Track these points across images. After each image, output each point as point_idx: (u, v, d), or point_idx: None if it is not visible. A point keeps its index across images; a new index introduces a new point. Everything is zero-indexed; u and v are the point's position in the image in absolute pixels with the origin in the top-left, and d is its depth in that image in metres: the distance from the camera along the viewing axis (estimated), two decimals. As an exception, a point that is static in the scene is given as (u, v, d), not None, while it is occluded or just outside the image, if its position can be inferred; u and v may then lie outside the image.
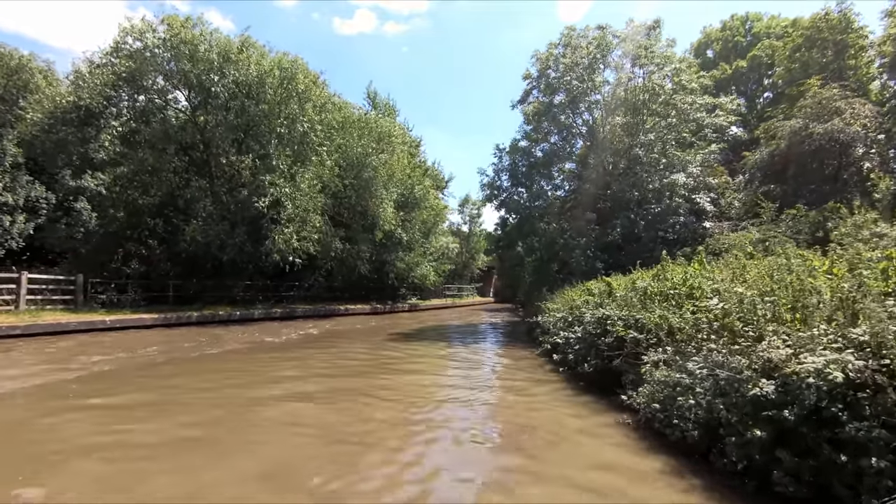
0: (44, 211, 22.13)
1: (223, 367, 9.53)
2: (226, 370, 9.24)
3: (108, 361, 9.56)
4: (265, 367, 9.64)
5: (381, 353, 12.02)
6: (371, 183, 24.59)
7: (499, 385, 8.69)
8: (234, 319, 19.29)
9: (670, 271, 8.36)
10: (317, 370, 9.46)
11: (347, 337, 15.40)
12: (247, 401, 6.86)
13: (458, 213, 50.29)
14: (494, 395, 7.79)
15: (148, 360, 9.82)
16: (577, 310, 9.94)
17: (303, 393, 7.44)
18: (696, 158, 17.04)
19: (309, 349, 12.21)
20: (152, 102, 21.01)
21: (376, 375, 9.12)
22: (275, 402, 6.88)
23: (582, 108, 19.29)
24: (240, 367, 9.56)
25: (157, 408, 6.33)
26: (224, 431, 5.47)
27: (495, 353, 12.72)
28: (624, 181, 16.70)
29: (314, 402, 6.88)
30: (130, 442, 5.00)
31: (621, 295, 8.85)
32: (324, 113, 22.39)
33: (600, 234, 17.25)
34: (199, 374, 8.82)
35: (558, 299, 13.14)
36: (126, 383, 7.83)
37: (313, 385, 8.07)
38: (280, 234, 18.91)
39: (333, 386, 8.05)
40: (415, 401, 7.11)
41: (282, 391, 7.52)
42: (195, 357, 10.53)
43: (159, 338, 13.79)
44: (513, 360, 11.08)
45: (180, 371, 9.00)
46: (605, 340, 7.81)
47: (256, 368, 9.48)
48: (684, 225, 17.17)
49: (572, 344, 8.88)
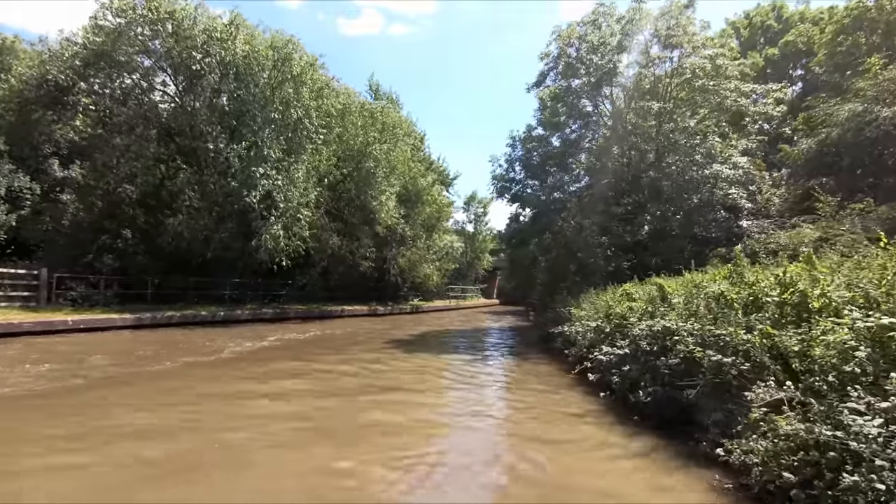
0: (27, 202, 20.57)
1: (154, 391, 7.13)
2: (158, 398, 6.77)
3: (20, 380, 7.45)
4: (215, 391, 7.30)
5: (373, 367, 10.14)
6: (372, 174, 22.76)
7: (524, 421, 6.57)
8: (218, 321, 17.49)
9: (751, 272, 6.50)
10: (277, 407, 6.60)
11: (337, 345, 13.51)
12: (139, 465, 4.32)
13: (464, 212, 48.45)
14: (518, 446, 5.48)
15: (76, 378, 7.73)
16: (618, 318, 8.09)
17: (236, 445, 4.94)
18: (737, 149, 15.17)
19: (284, 363, 9.89)
20: (133, 82, 19.20)
21: (357, 405, 6.88)
22: (193, 458, 4.49)
23: (606, 92, 17.42)
24: (177, 394, 7.02)
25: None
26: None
27: (511, 369, 10.80)
28: (657, 172, 14.80)
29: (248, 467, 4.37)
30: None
31: (680, 301, 7.00)
32: (321, 99, 20.56)
33: (625, 232, 15.37)
34: (108, 406, 6.30)
35: (586, 304, 11.28)
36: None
37: (263, 429, 5.48)
38: (268, 232, 17.07)
39: (291, 434, 5.44)
40: (402, 458, 4.77)
41: (210, 431, 5.35)
42: (130, 374, 8.24)
43: (118, 343, 12.01)
44: (535, 379, 9.20)
45: (91, 401, 6.52)
46: (668, 361, 5.95)
47: (200, 394, 7.04)
48: (719, 222, 15.30)
49: (617, 363, 7.01)
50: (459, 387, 8.45)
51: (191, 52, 17.34)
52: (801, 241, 12.01)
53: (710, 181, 14.27)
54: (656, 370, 6.15)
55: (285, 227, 17.78)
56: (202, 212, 19.03)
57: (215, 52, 17.98)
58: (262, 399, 6.88)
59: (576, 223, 16.04)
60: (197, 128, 19.69)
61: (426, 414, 6.72)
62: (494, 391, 8.45)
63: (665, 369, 6.00)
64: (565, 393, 7.84)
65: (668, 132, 15.05)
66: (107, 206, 19.55)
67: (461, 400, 7.57)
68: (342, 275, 26.54)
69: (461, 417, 6.54)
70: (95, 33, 17.91)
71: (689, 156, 14.79)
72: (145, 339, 12.91)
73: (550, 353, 12.26)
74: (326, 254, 23.89)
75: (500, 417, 6.72)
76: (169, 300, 18.91)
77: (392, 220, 25.37)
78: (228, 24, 19.23)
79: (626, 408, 6.39)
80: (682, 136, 14.79)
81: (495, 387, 8.76)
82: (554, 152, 18.08)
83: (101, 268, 18.36)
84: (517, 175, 19.29)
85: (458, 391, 8.11)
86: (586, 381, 7.94)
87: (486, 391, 8.15)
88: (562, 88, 17.87)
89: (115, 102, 18.27)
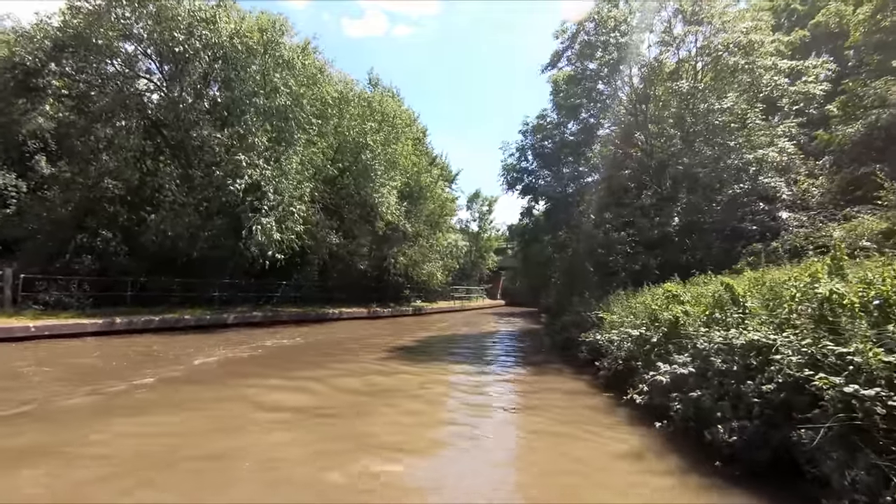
0: (13, 200, 19.23)
1: (76, 435, 5.17)
2: (73, 447, 4.84)
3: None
4: (156, 432, 5.36)
5: (369, 379, 8.66)
6: (371, 167, 21.25)
7: (558, 469, 4.78)
8: (203, 325, 16.02)
9: (865, 268, 4.98)
10: (235, 454, 4.76)
11: (330, 353, 11.98)
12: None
13: (467, 210, 46.93)
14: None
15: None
16: (668, 326, 6.56)
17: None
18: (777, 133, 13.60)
19: (255, 382, 8.00)
20: (114, 68, 17.75)
21: (337, 447, 5.06)
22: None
23: (626, 75, 15.88)
24: (105, 446, 4.94)
25: None
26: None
27: (530, 385, 9.14)
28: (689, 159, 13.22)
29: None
30: None
31: (755, 305, 5.48)
32: (315, 86, 19.08)
33: (651, 226, 13.83)
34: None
35: (616, 307, 9.75)
36: None
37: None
38: (258, 223, 15.59)
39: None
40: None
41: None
42: (62, 403, 6.32)
43: (79, 354, 10.56)
44: (562, 400, 7.63)
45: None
46: (760, 387, 4.43)
47: (134, 439, 5.09)
48: (755, 214, 13.74)
49: (677, 384, 5.49)
50: (465, 421, 6.41)
51: (173, 34, 15.86)
52: (862, 234, 10.49)
53: (754, 167, 12.71)
54: (740, 397, 4.63)
55: (278, 221, 16.31)
56: (187, 207, 17.57)
57: (200, 34, 16.52)
58: (214, 442, 5.27)
59: (595, 216, 14.50)
60: (184, 118, 18.26)
61: (420, 477, 4.54)
62: (511, 419, 6.86)
63: (755, 397, 4.48)
64: (605, 420, 6.31)
65: (699, 115, 13.48)
66: (87, 203, 18.15)
67: (467, 442, 5.55)
68: (341, 274, 25.08)
69: (466, 481, 4.40)
70: (73, 15, 16.54)
71: (725, 140, 13.21)
72: (113, 347, 11.44)
73: (573, 363, 10.72)
74: (324, 252, 22.42)
75: (527, 465, 5.17)
76: (151, 303, 17.44)
77: (393, 217, 23.87)
78: (215, 6, 17.81)
79: (698, 446, 4.85)
80: (717, 117, 13.20)
81: (512, 412, 7.16)
82: (569, 140, 16.52)
83: (78, 268, 16.96)
84: (530, 165, 17.77)
85: (464, 426, 6.19)
86: (630, 403, 6.41)
87: (504, 436, 6.50)
88: (578, 70, 16.33)
89: (92, 88, 16.81)
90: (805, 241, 12.74)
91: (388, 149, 22.55)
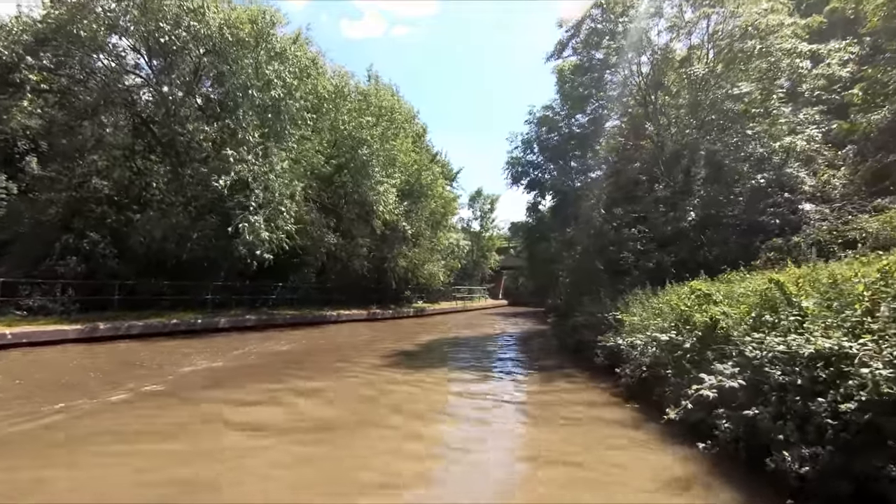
0: (3, 202, 18.49)
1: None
2: None
3: None
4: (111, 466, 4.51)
5: (362, 393, 7.88)
6: (368, 164, 20.47)
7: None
8: (193, 329, 15.27)
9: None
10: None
11: (323, 360, 11.16)
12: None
13: (469, 209, 46.12)
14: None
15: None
16: (704, 329, 5.79)
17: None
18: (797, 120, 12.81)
19: (241, 397, 7.14)
20: (102, 63, 16.99)
21: (320, 483, 4.28)
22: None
23: (634, 63, 15.07)
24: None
25: None
26: None
27: (544, 395, 8.27)
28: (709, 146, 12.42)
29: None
30: None
31: (811, 306, 4.71)
32: (308, 79, 18.30)
33: (665, 221, 13.05)
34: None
35: (635, 308, 8.98)
36: None
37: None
38: (245, 221, 14.83)
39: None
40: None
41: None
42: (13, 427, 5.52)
43: (54, 364, 9.79)
44: (582, 412, 6.79)
45: None
46: (836, 406, 3.66)
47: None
48: (778, 207, 12.95)
49: (728, 400, 4.71)
50: (468, 445, 5.48)
51: (159, 24, 15.10)
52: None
53: (779, 156, 11.91)
54: (808, 418, 3.85)
55: (267, 220, 15.54)
56: (175, 207, 16.84)
57: (188, 25, 15.76)
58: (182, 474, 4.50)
59: (605, 212, 13.73)
60: (174, 114, 17.52)
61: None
62: (525, 439, 6.06)
63: (828, 417, 3.71)
64: (635, 438, 5.53)
65: (716, 102, 12.67)
66: (73, 203, 17.41)
67: (469, 474, 4.72)
68: (339, 276, 24.33)
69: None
70: (55, 6, 15.80)
71: (744, 128, 12.40)
72: (94, 355, 10.69)
73: (587, 368, 9.95)
74: (321, 253, 21.66)
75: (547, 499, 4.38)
76: (141, 307, 16.71)
77: (392, 216, 23.10)
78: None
79: (754, 474, 4.08)
80: (735, 103, 12.39)
81: (525, 430, 6.37)
82: (576, 132, 15.73)
83: (64, 271, 16.23)
84: (536, 158, 16.95)
85: (467, 451, 5.28)
86: (662, 420, 5.64)
87: (512, 444, 5.77)
88: (584, 59, 15.54)
89: (74, 82, 16.06)
90: (829, 236, 11.99)
91: (387, 145, 21.78)
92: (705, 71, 12.79)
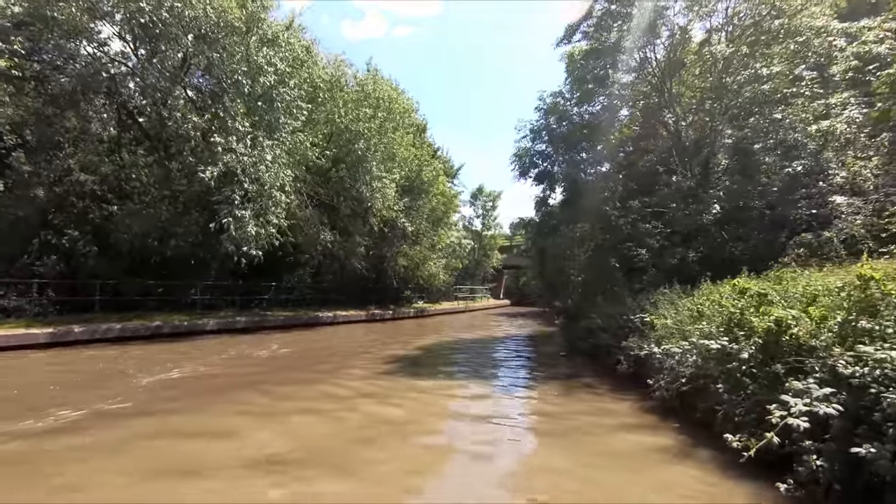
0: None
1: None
2: None
3: None
4: None
5: (349, 412, 6.78)
6: (366, 158, 19.44)
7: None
8: (178, 332, 14.27)
9: None
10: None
11: (311, 367, 10.03)
12: None
13: (470, 206, 45.06)
14: None
15: None
16: (770, 337, 4.75)
17: None
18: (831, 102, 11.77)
19: (205, 421, 5.97)
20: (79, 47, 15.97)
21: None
22: None
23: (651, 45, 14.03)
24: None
25: None
26: None
27: (562, 412, 6.90)
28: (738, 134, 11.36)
29: None
30: None
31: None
32: (302, 67, 17.28)
33: (687, 214, 12.01)
34: None
35: (666, 310, 7.95)
36: None
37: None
38: (231, 215, 13.82)
39: None
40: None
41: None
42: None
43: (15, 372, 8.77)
44: (612, 436, 5.70)
45: None
46: None
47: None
48: (810, 198, 11.91)
49: (818, 428, 3.67)
50: (473, 489, 4.17)
51: (139, 4, 14.08)
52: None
53: (818, 141, 10.87)
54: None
55: (257, 215, 14.53)
56: (162, 202, 15.82)
57: (171, 6, 14.73)
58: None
59: (620, 205, 12.70)
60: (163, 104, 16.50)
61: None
62: (545, 478, 4.61)
63: None
64: (688, 473, 4.49)
65: (743, 83, 11.61)
66: (53, 198, 16.40)
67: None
68: (337, 275, 23.33)
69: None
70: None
71: (772, 113, 11.34)
72: (62, 363, 9.69)
73: (607, 376, 8.92)
74: (317, 251, 20.64)
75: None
76: (125, 308, 15.74)
77: (391, 213, 22.09)
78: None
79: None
80: (763, 85, 11.32)
81: (546, 461, 5.25)
82: (588, 121, 14.67)
83: (43, 270, 15.24)
84: (546, 148, 15.89)
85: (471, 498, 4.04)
86: (708, 439, 4.62)
87: (528, 485, 4.59)
88: (595, 43, 14.50)
89: (50, 68, 15.05)
90: (865, 230, 10.98)
91: (385, 138, 20.74)
92: (732, 50, 11.71)
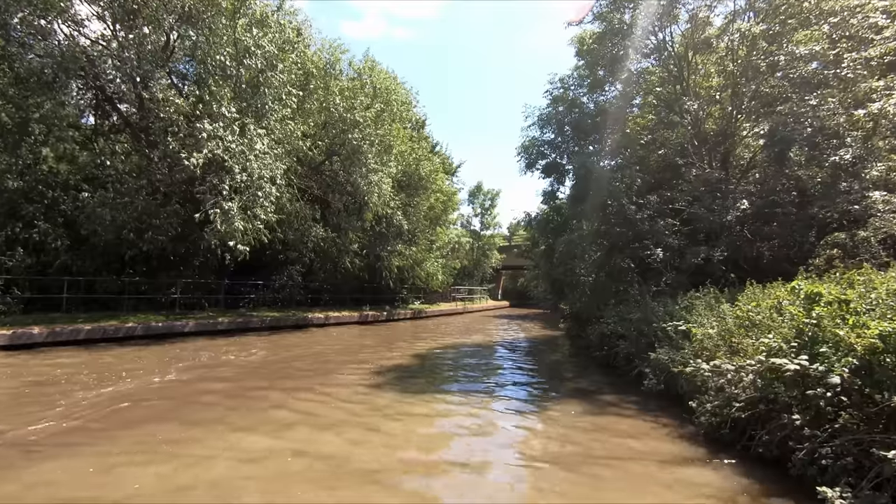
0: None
1: None
2: None
3: None
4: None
5: (326, 439, 5.59)
6: (360, 149, 18.29)
7: None
8: (153, 334, 13.09)
9: None
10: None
11: (290, 377, 8.85)
12: None
13: (469, 205, 43.94)
14: None
15: None
16: (871, 356, 3.66)
17: None
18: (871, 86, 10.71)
19: (148, 450, 4.80)
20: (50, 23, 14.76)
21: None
22: None
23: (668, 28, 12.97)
24: None
25: None
26: None
27: (585, 440, 5.57)
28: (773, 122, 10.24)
29: None
30: None
31: None
32: (292, 52, 16.12)
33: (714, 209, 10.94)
34: None
35: (705, 317, 6.86)
36: None
37: None
38: (218, 207, 12.66)
39: None
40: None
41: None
42: None
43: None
44: (649, 476, 4.45)
45: None
46: None
47: None
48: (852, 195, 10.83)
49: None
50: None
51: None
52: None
53: (868, 127, 9.80)
54: None
55: (245, 208, 13.39)
56: (135, 190, 14.61)
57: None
58: None
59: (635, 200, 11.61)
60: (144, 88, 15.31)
61: None
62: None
63: None
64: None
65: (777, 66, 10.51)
66: (22, 188, 15.19)
67: None
68: (329, 274, 22.15)
69: None
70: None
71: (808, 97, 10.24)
72: (12, 370, 8.51)
73: (629, 391, 7.83)
74: (308, 248, 19.47)
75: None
76: (98, 307, 14.57)
77: (387, 209, 20.96)
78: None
79: None
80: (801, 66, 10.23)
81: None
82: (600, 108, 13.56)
83: (11, 265, 14.05)
84: (554, 137, 14.77)
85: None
86: (774, 477, 3.53)
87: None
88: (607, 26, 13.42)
89: (16, 45, 13.86)
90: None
91: (381, 129, 19.60)
92: (763, 28, 10.61)
